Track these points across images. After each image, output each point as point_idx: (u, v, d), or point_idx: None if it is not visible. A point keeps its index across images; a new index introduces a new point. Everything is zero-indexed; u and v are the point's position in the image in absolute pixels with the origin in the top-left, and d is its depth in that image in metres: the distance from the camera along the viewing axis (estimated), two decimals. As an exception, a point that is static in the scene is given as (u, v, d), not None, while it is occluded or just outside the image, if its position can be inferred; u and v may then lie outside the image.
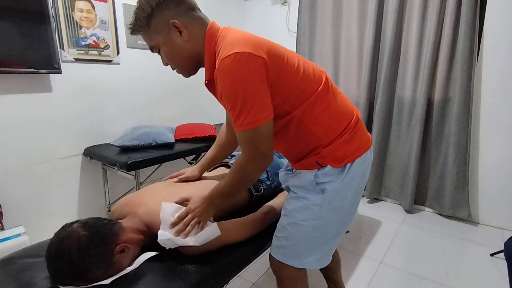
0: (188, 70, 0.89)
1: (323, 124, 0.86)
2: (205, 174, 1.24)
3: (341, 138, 0.87)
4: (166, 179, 1.18)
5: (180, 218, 0.86)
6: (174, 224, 0.85)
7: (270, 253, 0.99)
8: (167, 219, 0.85)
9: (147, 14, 0.79)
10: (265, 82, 0.75)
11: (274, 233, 0.98)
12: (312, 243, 0.92)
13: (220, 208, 0.93)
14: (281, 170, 1.14)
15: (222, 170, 1.29)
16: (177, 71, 0.90)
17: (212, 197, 0.88)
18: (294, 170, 1.00)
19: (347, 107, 0.92)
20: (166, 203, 0.89)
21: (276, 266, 0.97)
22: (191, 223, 0.85)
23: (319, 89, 0.85)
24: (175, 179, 1.14)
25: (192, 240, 0.83)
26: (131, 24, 0.82)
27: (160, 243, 0.85)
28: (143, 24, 0.80)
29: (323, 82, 0.87)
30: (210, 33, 0.82)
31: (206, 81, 0.88)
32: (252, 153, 0.81)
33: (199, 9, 0.86)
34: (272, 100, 0.78)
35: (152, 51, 0.88)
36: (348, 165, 0.87)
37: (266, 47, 0.76)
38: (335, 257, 1.28)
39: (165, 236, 0.83)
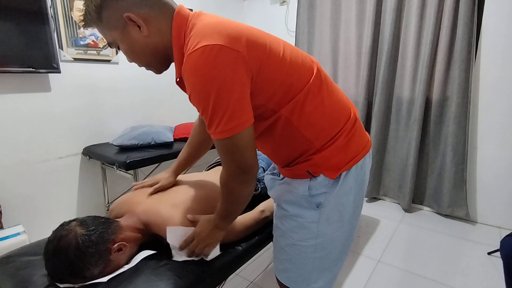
0: (156, 67, 0.76)
1: (315, 125, 0.73)
2: (201, 174, 1.24)
3: (336, 142, 0.74)
4: (138, 188, 1.06)
5: (186, 243, 0.85)
6: (181, 248, 0.85)
7: (275, 274, 0.91)
8: (175, 242, 0.86)
9: (96, 6, 0.65)
10: (241, 81, 0.61)
11: (274, 254, 0.90)
12: (319, 265, 0.82)
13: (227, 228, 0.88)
14: (266, 173, 0.98)
15: (218, 170, 1.27)
16: (145, 68, 0.77)
17: (215, 221, 0.83)
18: (280, 176, 0.87)
19: (343, 104, 0.78)
20: (170, 228, 0.86)
21: (282, 287, 0.89)
22: (197, 249, 0.84)
23: (310, 82, 0.71)
24: (151, 190, 1.02)
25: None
26: (81, 15, 0.69)
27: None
28: (93, 17, 0.67)
29: (314, 73, 0.72)
30: (178, 22, 0.68)
31: (177, 79, 0.73)
32: (230, 166, 0.69)
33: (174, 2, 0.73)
34: (254, 99, 0.66)
35: (111, 47, 0.76)
36: (344, 173, 0.76)
37: (245, 36, 0.62)
38: None
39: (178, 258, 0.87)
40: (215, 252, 0.88)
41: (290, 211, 0.81)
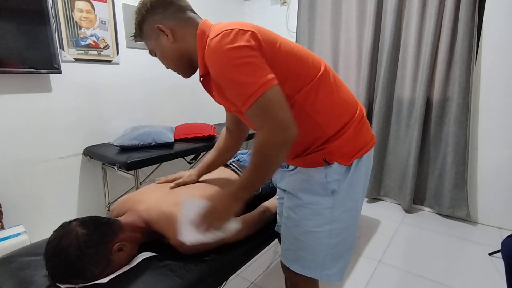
0: (183, 70, 0.89)
1: (326, 112, 0.80)
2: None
3: (347, 132, 0.81)
4: (161, 182, 1.13)
5: (204, 218, 0.75)
6: (197, 225, 0.76)
7: (283, 265, 0.93)
8: (190, 216, 0.77)
9: (139, 22, 0.87)
10: (258, 53, 0.69)
11: (285, 247, 0.91)
12: (332, 252, 0.86)
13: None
14: None
15: (221, 169, 1.27)
16: (177, 73, 0.91)
17: (237, 191, 0.76)
18: (290, 167, 0.91)
19: (352, 98, 0.87)
20: (186, 200, 0.83)
21: (293, 277, 0.92)
22: (215, 223, 0.77)
23: (321, 72, 0.80)
24: (172, 184, 1.09)
25: (210, 237, 0.79)
26: (133, 33, 0.91)
27: (180, 238, 0.82)
28: (137, 31, 0.88)
29: (324, 66, 0.83)
30: (201, 29, 0.80)
31: (201, 78, 0.83)
32: (266, 127, 0.69)
33: (191, 10, 0.87)
34: None
35: (151, 55, 0.92)
36: (355, 161, 0.83)
37: (257, 28, 0.73)
38: None
39: (185, 233, 0.80)
40: (232, 226, 0.83)
41: (304, 199, 0.85)
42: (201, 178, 1.17)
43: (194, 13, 0.88)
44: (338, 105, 0.82)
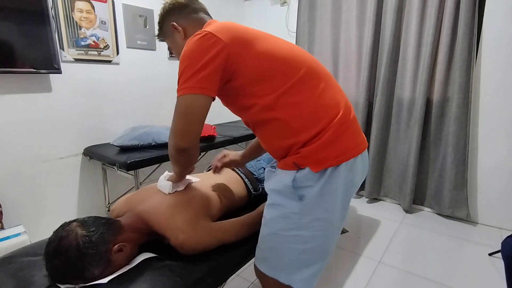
0: None
1: (302, 116, 0.79)
2: (203, 174, 1.24)
3: (324, 137, 0.78)
4: (214, 166, 1.21)
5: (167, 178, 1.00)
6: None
7: (254, 264, 0.95)
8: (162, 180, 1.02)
9: (159, 23, 0.99)
10: (214, 61, 0.74)
11: (257, 245, 0.93)
12: (298, 258, 0.84)
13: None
14: (267, 167, 1.04)
15: (224, 170, 1.28)
16: None
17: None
18: (277, 169, 0.91)
19: (334, 102, 0.83)
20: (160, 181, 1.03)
21: (261, 277, 0.93)
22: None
23: (297, 77, 0.79)
24: (219, 164, 1.19)
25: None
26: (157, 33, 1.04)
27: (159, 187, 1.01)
28: (159, 31, 1.01)
29: (303, 72, 0.81)
30: (203, 28, 0.84)
31: None
32: (172, 125, 0.79)
33: (205, 12, 0.98)
34: (235, 80, 0.79)
35: (171, 52, 0.98)
36: (330, 169, 0.79)
37: (234, 31, 0.78)
38: None
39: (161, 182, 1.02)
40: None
41: (274, 200, 0.85)
42: (203, 179, 1.17)
43: (208, 15, 0.99)
44: (315, 109, 0.80)
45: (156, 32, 1.04)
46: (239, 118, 1.39)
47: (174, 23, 0.94)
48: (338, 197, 0.82)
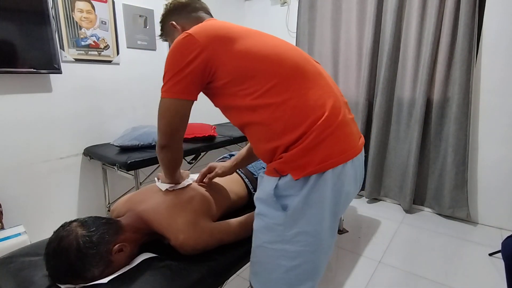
0: None
1: (282, 119, 0.74)
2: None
3: (306, 141, 0.72)
4: (201, 177, 1.11)
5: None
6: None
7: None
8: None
9: (161, 22, 1.01)
10: (192, 64, 0.75)
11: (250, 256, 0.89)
12: (286, 276, 0.77)
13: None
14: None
15: None
16: None
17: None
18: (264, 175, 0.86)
19: (319, 103, 0.75)
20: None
21: None
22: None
23: (279, 78, 0.75)
24: (206, 180, 1.10)
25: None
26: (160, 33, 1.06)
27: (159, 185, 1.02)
28: (161, 31, 1.03)
29: (286, 72, 0.76)
30: None
31: None
32: (158, 125, 0.84)
33: (205, 11, 0.98)
34: (217, 80, 0.78)
35: None
36: (314, 177, 0.72)
37: (216, 32, 0.77)
38: None
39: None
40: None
41: (259, 209, 0.81)
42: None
43: (208, 14, 0.99)
44: (297, 110, 0.74)
45: (159, 32, 1.06)
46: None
47: (174, 22, 0.95)
48: (326, 208, 0.74)
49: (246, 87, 0.76)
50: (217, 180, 1.17)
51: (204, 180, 1.10)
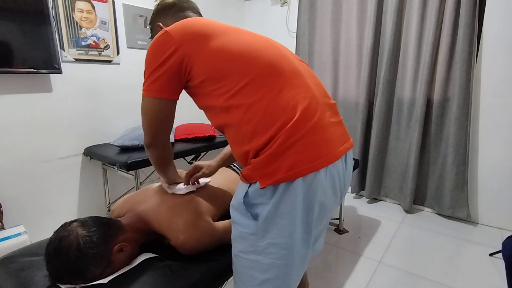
0: None
1: (252, 121, 0.69)
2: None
3: (274, 146, 0.67)
4: (187, 178, 1.05)
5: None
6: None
7: None
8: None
9: (150, 23, 1.02)
10: (167, 63, 0.74)
11: None
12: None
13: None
14: None
15: (223, 169, 1.26)
16: None
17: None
18: None
19: (291, 104, 0.69)
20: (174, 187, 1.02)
21: None
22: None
23: (252, 75, 0.71)
24: (193, 180, 1.05)
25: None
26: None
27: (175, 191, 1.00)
28: (151, 33, 1.03)
29: (259, 70, 0.72)
30: None
31: None
32: (142, 124, 0.84)
33: (193, 11, 0.98)
34: (193, 79, 0.76)
35: None
36: (283, 185, 0.67)
37: (192, 29, 0.75)
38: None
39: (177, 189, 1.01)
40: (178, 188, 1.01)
41: (233, 217, 0.77)
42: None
43: (197, 13, 0.98)
44: (267, 112, 0.69)
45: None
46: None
47: (160, 23, 0.94)
48: (297, 219, 0.69)
49: (219, 87, 0.73)
50: (216, 180, 1.16)
51: (191, 181, 1.04)
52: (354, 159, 2.01)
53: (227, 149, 1.14)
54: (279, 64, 0.74)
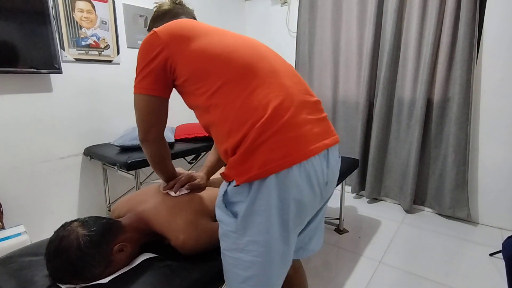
0: None
1: (227, 120, 0.72)
2: None
3: (246, 145, 0.68)
4: (170, 187, 1.02)
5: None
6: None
7: None
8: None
9: (148, 30, 1.02)
10: (154, 61, 0.79)
11: None
12: (242, 286, 0.74)
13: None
14: None
15: (222, 170, 1.27)
16: None
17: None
18: None
19: (263, 102, 0.70)
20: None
21: None
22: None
23: (229, 76, 0.73)
24: (186, 190, 1.01)
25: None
26: None
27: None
28: None
29: (235, 70, 0.74)
30: None
31: None
32: (136, 121, 0.88)
33: (187, 16, 1.02)
34: (178, 78, 0.80)
35: None
36: (256, 183, 0.68)
37: (178, 30, 0.79)
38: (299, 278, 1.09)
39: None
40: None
41: (217, 215, 0.78)
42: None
43: (192, 18, 1.01)
44: (240, 111, 0.71)
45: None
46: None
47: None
48: (273, 217, 0.69)
49: (200, 86, 0.76)
50: (216, 179, 1.17)
51: (186, 187, 1.01)
52: (354, 159, 2.04)
53: (210, 156, 1.13)
54: (254, 64, 0.76)
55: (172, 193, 0.99)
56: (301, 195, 0.71)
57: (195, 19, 1.03)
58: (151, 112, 0.85)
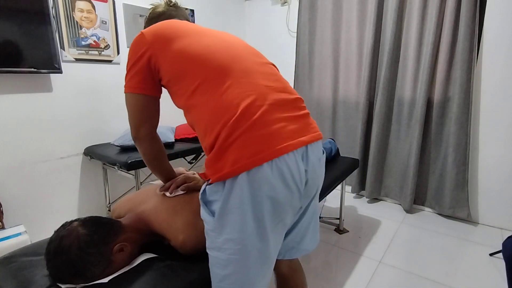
0: None
1: (203, 120, 0.74)
2: None
3: (218, 144, 0.70)
4: (166, 188, 1.01)
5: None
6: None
7: None
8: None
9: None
10: (140, 61, 0.81)
11: None
12: (220, 284, 0.75)
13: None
14: None
15: None
16: None
17: None
18: None
19: (235, 101, 0.71)
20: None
21: None
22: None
23: (204, 76, 0.75)
24: (182, 191, 1.00)
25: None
26: None
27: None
28: None
29: (212, 70, 0.75)
30: None
31: None
32: (128, 119, 0.89)
33: (180, 18, 1.03)
34: (162, 78, 0.83)
35: None
36: (229, 181, 0.68)
37: (162, 31, 0.81)
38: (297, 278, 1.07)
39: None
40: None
41: (201, 214, 0.78)
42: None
43: (186, 20, 1.01)
44: (214, 111, 0.72)
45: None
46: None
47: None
48: (247, 214, 0.69)
49: (180, 87, 0.79)
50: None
51: (181, 188, 1.00)
52: (354, 159, 2.03)
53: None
54: (229, 65, 0.76)
55: (168, 194, 0.99)
56: (275, 193, 0.70)
57: (188, 21, 1.02)
58: (141, 110, 0.87)
